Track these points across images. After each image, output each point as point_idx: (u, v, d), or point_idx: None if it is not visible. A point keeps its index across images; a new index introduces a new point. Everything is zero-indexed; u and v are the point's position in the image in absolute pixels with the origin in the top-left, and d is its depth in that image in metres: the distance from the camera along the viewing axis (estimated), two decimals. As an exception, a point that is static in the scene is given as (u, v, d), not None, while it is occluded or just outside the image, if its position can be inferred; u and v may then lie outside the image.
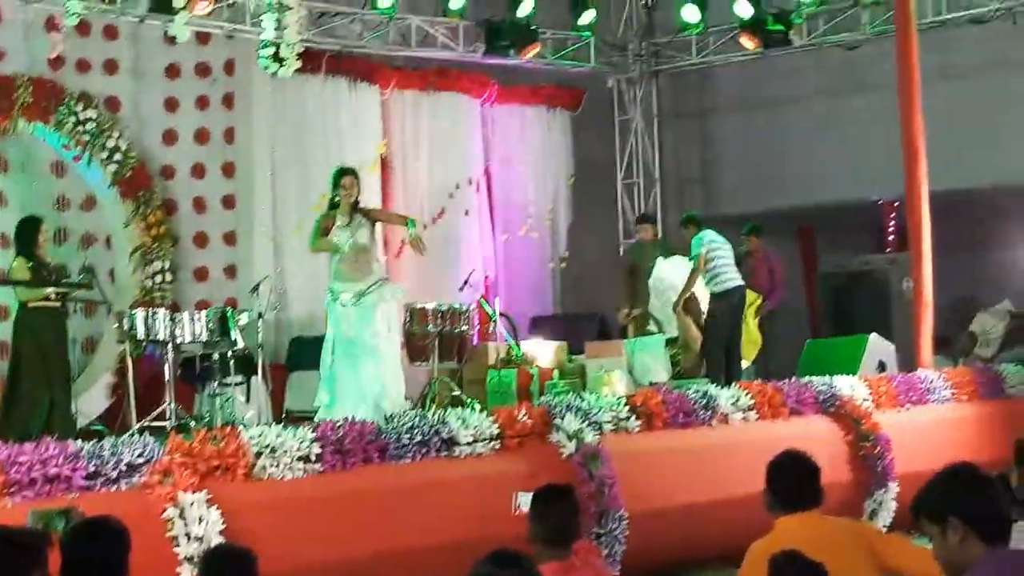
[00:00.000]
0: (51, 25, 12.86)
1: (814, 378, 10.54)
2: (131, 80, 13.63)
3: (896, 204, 15.95)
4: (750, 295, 12.68)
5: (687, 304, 12.53)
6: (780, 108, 16.64)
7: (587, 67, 16.16)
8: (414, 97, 15.16)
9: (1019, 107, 14.97)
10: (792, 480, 5.42)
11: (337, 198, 10.63)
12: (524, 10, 14.94)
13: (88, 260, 11.98)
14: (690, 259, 12.22)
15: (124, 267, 13.43)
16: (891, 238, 17.14)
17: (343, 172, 10.83)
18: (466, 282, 13.45)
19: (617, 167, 16.85)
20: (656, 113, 16.98)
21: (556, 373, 12.61)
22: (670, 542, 8.60)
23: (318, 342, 13.41)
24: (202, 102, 14.02)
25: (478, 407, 9.75)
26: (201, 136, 14.01)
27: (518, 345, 13.35)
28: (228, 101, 14.10)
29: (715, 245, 12.26)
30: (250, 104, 14.03)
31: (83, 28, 12.97)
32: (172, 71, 13.89)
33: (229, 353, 11.38)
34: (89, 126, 13.02)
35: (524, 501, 5.25)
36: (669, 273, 13.22)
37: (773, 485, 5.42)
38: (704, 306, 12.45)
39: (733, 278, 12.15)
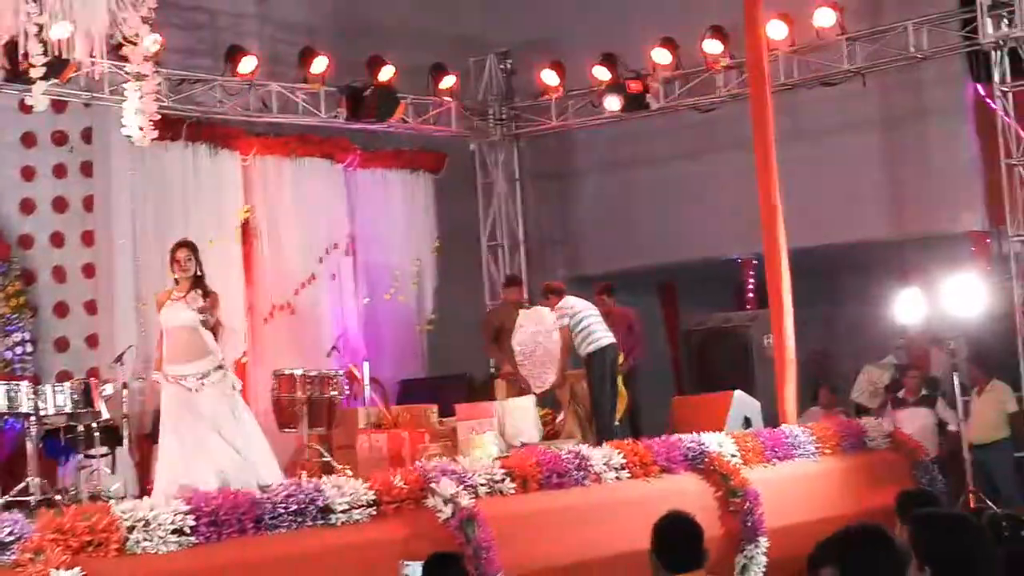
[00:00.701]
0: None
1: (683, 435, 10.66)
2: (-14, 149, 13.44)
3: (755, 261, 16.26)
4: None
5: None
6: (639, 169, 16.89)
7: (449, 131, 16.27)
8: (276, 163, 15.10)
9: (870, 164, 15.39)
10: (677, 542, 5.49)
11: (175, 275, 10.13)
12: (385, 76, 15.02)
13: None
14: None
15: (-18, 339, 13.15)
16: (751, 295, 17.45)
17: (177, 246, 10.30)
18: (334, 347, 13.39)
19: (481, 230, 16.96)
20: (518, 176, 17.15)
21: (427, 437, 12.59)
22: (549, 604, 8.62)
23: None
24: (59, 170, 13.84)
25: (351, 473, 9.73)
26: (59, 205, 13.82)
27: (389, 409, 13.32)
28: (86, 169, 13.93)
29: (577, 309, 12.48)
30: (109, 172, 13.85)
31: (-65, 97, 12.76)
32: (28, 139, 13.71)
33: (94, 424, 11.16)
34: (-56, 197, 12.81)
35: (413, 570, 5.24)
36: (528, 325, 13.30)
37: (658, 547, 5.48)
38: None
39: (605, 335, 12.37)
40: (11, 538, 6.69)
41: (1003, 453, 13.65)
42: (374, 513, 8.31)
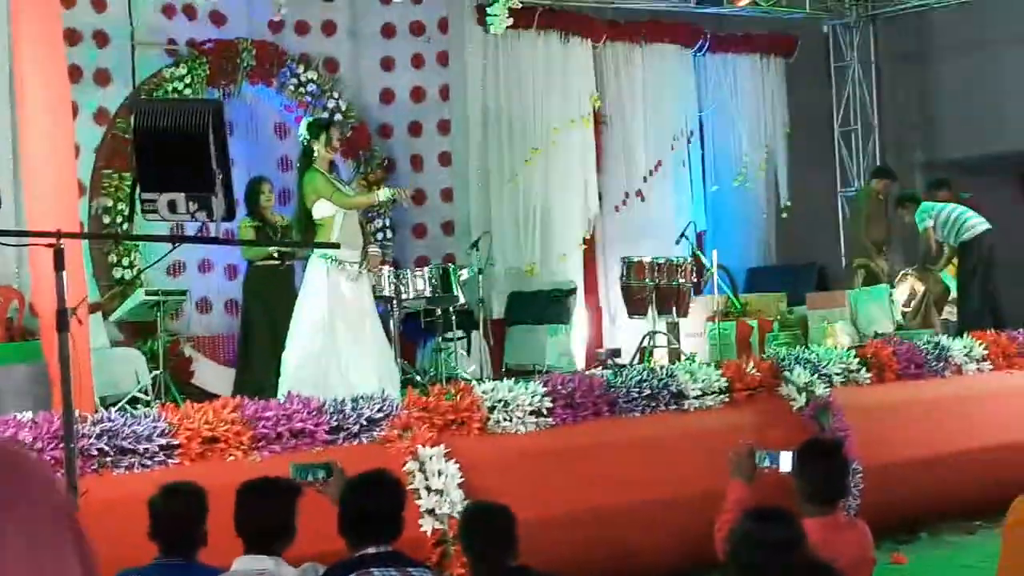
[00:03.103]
0: (271, -11, 13.18)
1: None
2: (348, 41, 13.82)
3: None
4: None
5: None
6: (1000, 50, 16.06)
7: (801, 13, 15.84)
8: (626, 49, 15.04)
9: None
10: None
11: (331, 156, 9.51)
12: (736, -44, 14.74)
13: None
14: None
15: (346, 225, 13.64)
16: None
17: (335, 124, 9.94)
18: (683, 234, 13.36)
19: (834, 115, 16.53)
20: (873, 58, 16.59)
21: (776, 325, 12.48)
22: (906, 496, 8.44)
23: (536, 297, 13.59)
24: (417, 60, 14.15)
25: (699, 360, 9.75)
26: (417, 94, 14.15)
27: (737, 297, 13.24)
28: (442, 59, 14.21)
29: (941, 207, 12.25)
30: (464, 61, 14.10)
31: (302, -10, 13.23)
32: (387, 31, 14.04)
33: (451, 308, 11.50)
34: (310, 87, 13.27)
35: (782, 460, 5.18)
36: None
37: None
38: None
39: (979, 221, 12.06)
40: (380, 415, 6.99)
41: None
42: (726, 400, 8.31)
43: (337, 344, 9.02)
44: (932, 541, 8.59)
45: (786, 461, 5.17)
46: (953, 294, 12.74)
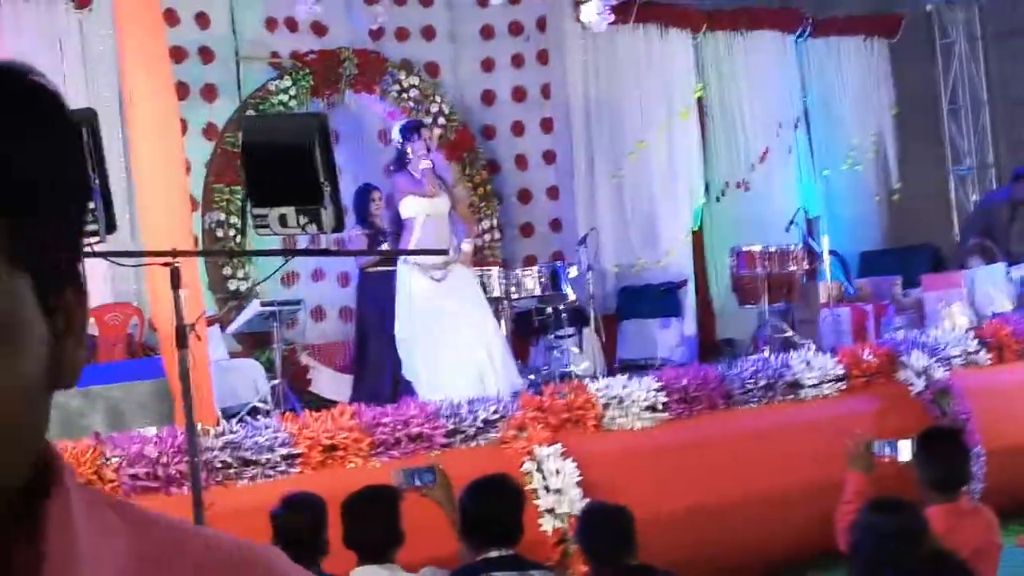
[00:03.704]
0: (370, -1, 13.29)
1: None
2: (448, 44, 13.91)
3: None
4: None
5: None
6: (1113, 18, 15.73)
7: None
8: (726, 38, 14.94)
9: None
10: None
11: (412, 157, 9.59)
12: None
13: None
14: None
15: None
16: None
17: (424, 125, 10.10)
18: (792, 221, 13.24)
19: (941, 94, 16.28)
20: (980, 34, 16.30)
21: (891, 309, 12.33)
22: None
23: (646, 290, 13.58)
24: (517, 60, 14.20)
25: (813, 347, 9.67)
26: (518, 94, 14.19)
27: (850, 282, 13.10)
28: (542, 58, 14.23)
29: None
30: (563, 59, 14.11)
31: (400, -2, 13.35)
32: (486, 32, 14.10)
33: (562, 306, 11.53)
34: (412, 92, 13.35)
35: (901, 449, 5.12)
36: None
37: None
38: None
39: None
40: (496, 416, 7.04)
41: None
42: (843, 388, 8.25)
43: (438, 347, 9.13)
44: (1060, 523, 8.44)
45: (905, 450, 5.11)
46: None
